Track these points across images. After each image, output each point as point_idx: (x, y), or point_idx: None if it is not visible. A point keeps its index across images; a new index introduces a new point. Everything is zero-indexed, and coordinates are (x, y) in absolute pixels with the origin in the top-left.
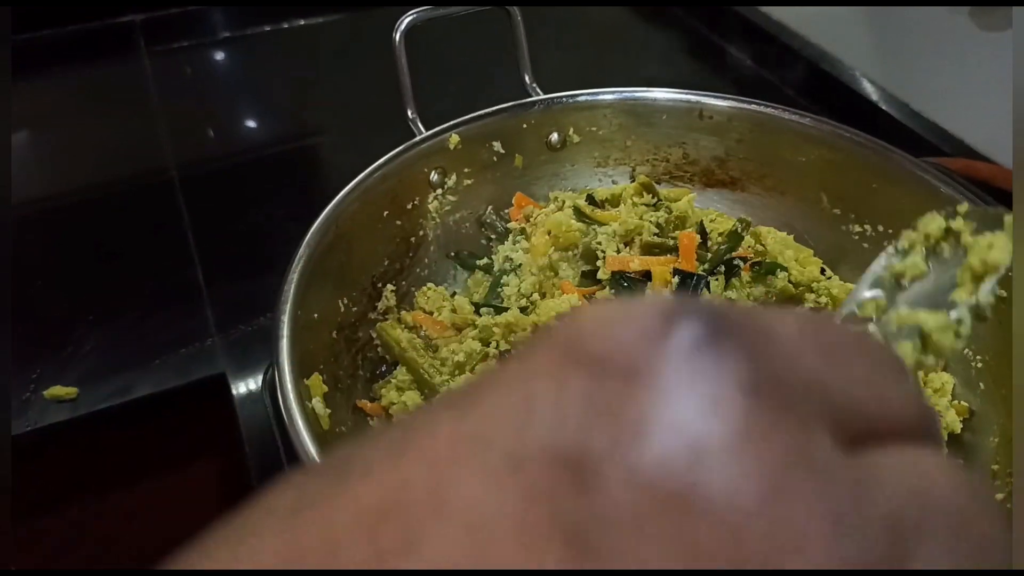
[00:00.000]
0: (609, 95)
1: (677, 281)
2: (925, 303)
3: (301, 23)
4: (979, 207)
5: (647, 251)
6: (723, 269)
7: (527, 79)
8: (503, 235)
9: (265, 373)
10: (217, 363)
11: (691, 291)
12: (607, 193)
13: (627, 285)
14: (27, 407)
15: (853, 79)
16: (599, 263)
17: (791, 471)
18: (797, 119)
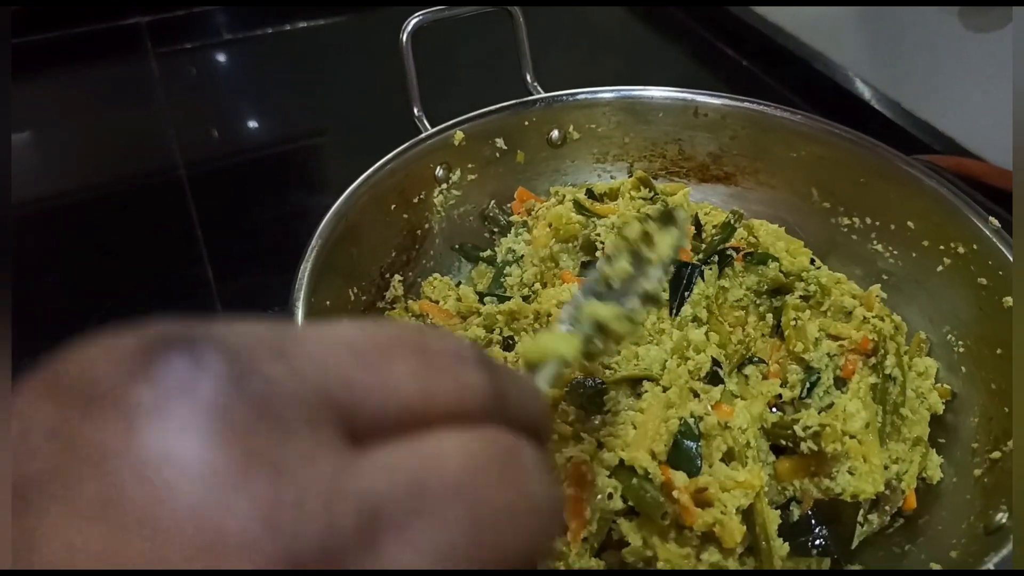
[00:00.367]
0: (608, 93)
1: (673, 270)
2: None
3: (302, 25)
4: (666, 208)
5: None
6: (716, 259)
7: (528, 78)
8: (506, 228)
9: None
10: None
11: (686, 280)
12: (606, 187)
13: None
14: None
15: (846, 79)
16: (598, 254)
17: (244, 473)
18: (788, 116)
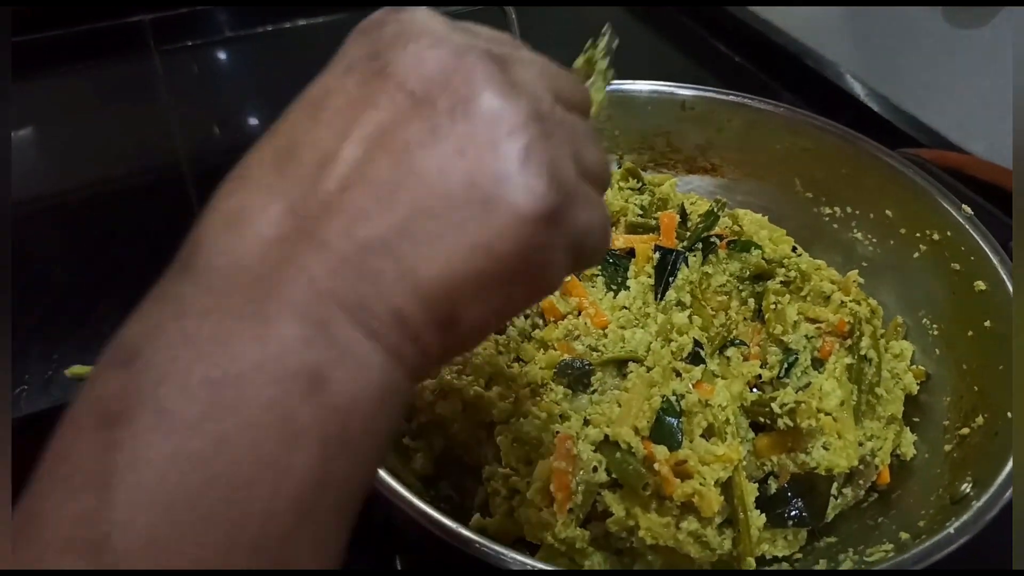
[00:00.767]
0: None
1: (658, 257)
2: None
3: (302, 23)
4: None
5: (631, 231)
6: (700, 246)
7: None
8: None
9: None
10: None
11: (671, 266)
12: None
13: (612, 261)
14: (49, 385)
15: (837, 75)
16: None
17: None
18: (772, 109)
